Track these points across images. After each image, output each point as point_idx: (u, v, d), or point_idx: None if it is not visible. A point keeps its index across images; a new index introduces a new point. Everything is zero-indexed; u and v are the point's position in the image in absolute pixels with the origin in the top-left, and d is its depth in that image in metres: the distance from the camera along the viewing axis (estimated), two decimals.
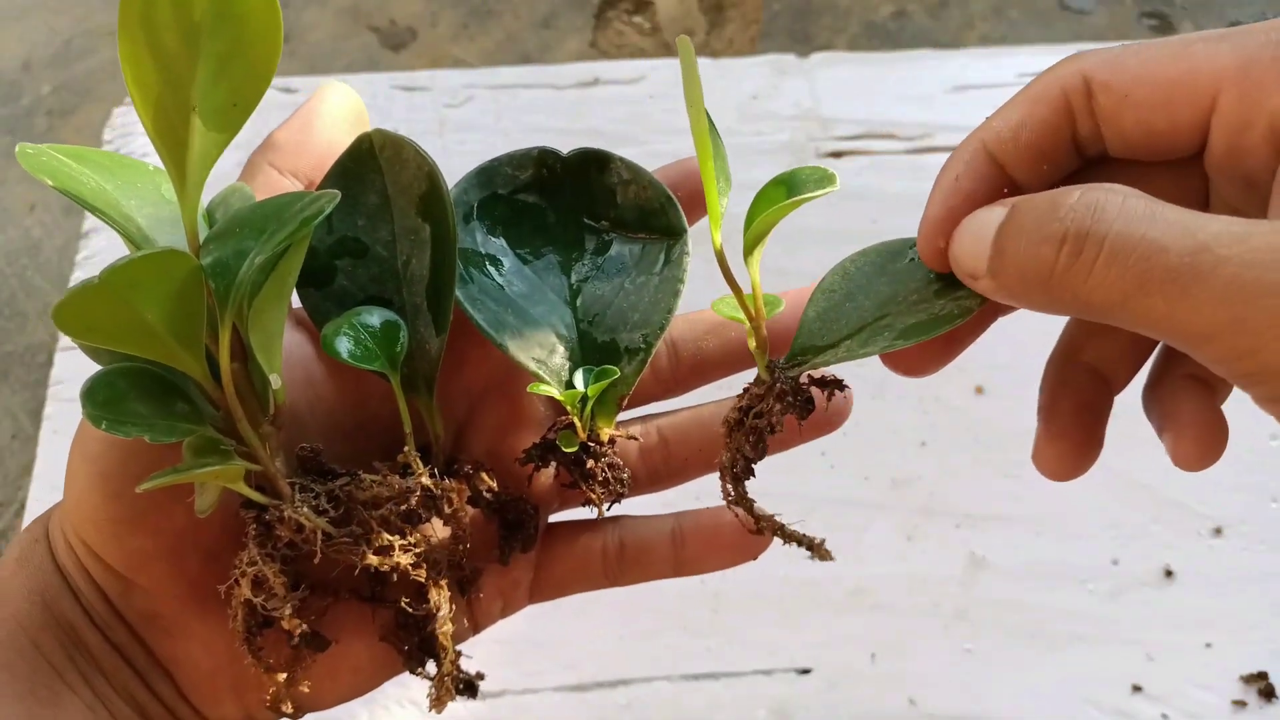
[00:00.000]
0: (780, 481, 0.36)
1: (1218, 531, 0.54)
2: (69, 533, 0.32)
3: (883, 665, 0.52)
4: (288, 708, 0.32)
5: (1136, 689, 0.51)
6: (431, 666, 0.33)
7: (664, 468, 0.35)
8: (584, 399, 0.32)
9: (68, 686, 0.31)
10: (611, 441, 0.33)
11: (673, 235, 0.34)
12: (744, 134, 0.66)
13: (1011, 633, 0.52)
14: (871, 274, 0.31)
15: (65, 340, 0.62)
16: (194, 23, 0.25)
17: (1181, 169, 0.28)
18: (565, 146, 0.36)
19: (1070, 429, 0.31)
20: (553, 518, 0.36)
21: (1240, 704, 0.50)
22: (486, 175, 0.34)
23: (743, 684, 0.51)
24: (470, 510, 0.33)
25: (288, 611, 0.29)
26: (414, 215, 0.33)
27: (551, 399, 0.33)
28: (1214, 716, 0.50)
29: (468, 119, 0.66)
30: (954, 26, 0.88)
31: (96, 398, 0.27)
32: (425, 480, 0.31)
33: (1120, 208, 0.23)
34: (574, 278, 0.35)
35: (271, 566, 0.29)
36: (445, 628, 0.32)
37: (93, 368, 0.67)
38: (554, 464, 0.34)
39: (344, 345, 0.30)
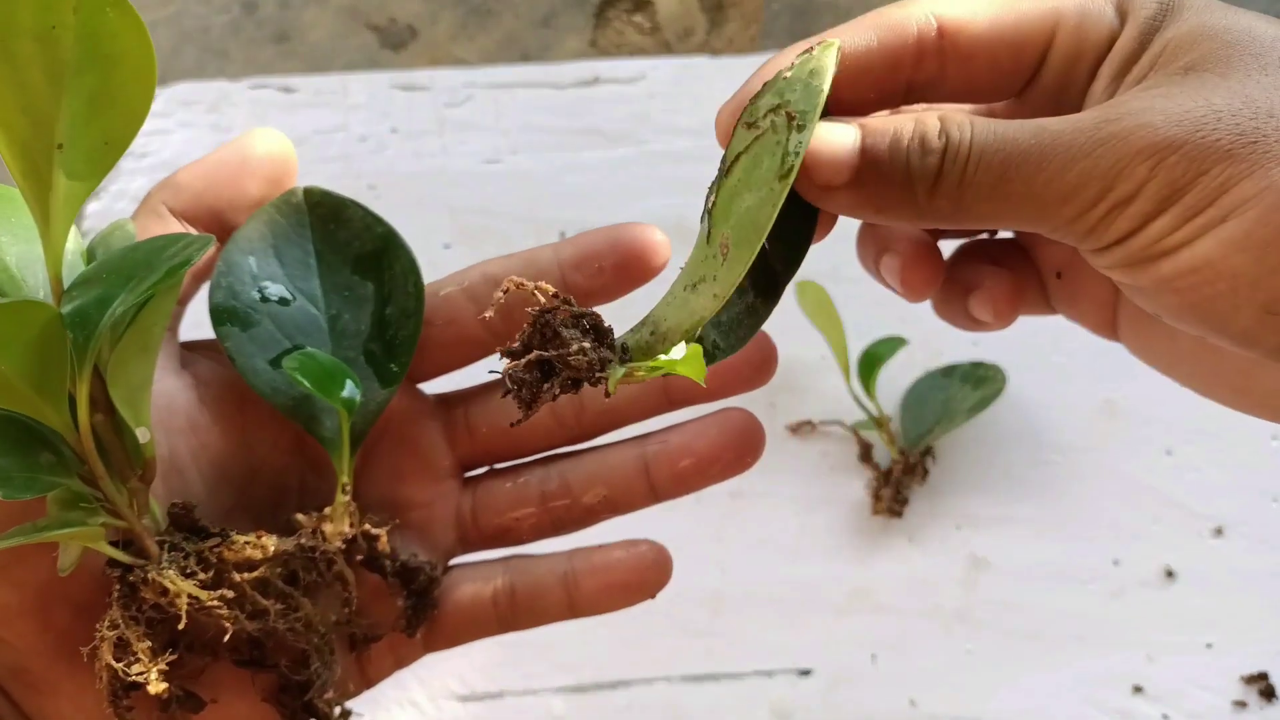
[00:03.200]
0: (781, 482, 0.36)
1: (1218, 532, 0.54)
2: None
3: (883, 666, 0.52)
4: None
5: (1137, 689, 0.51)
6: None
7: (567, 514, 0.34)
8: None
9: None
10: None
11: (768, 291, 0.29)
12: None
13: (1012, 633, 0.52)
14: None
15: None
16: (60, 60, 0.24)
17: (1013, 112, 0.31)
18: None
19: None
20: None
21: (1241, 704, 0.50)
22: None
23: (743, 685, 0.51)
24: (366, 574, 0.32)
25: (153, 676, 0.28)
26: (348, 272, 0.33)
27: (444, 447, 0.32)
28: (1215, 717, 0.50)
29: (468, 118, 0.66)
30: None
31: None
32: (305, 541, 0.30)
33: (974, 122, 0.27)
34: None
35: (135, 630, 0.28)
36: (327, 694, 0.31)
37: None
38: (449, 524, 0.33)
39: (305, 378, 0.30)
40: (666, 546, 0.35)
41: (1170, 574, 0.53)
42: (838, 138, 0.27)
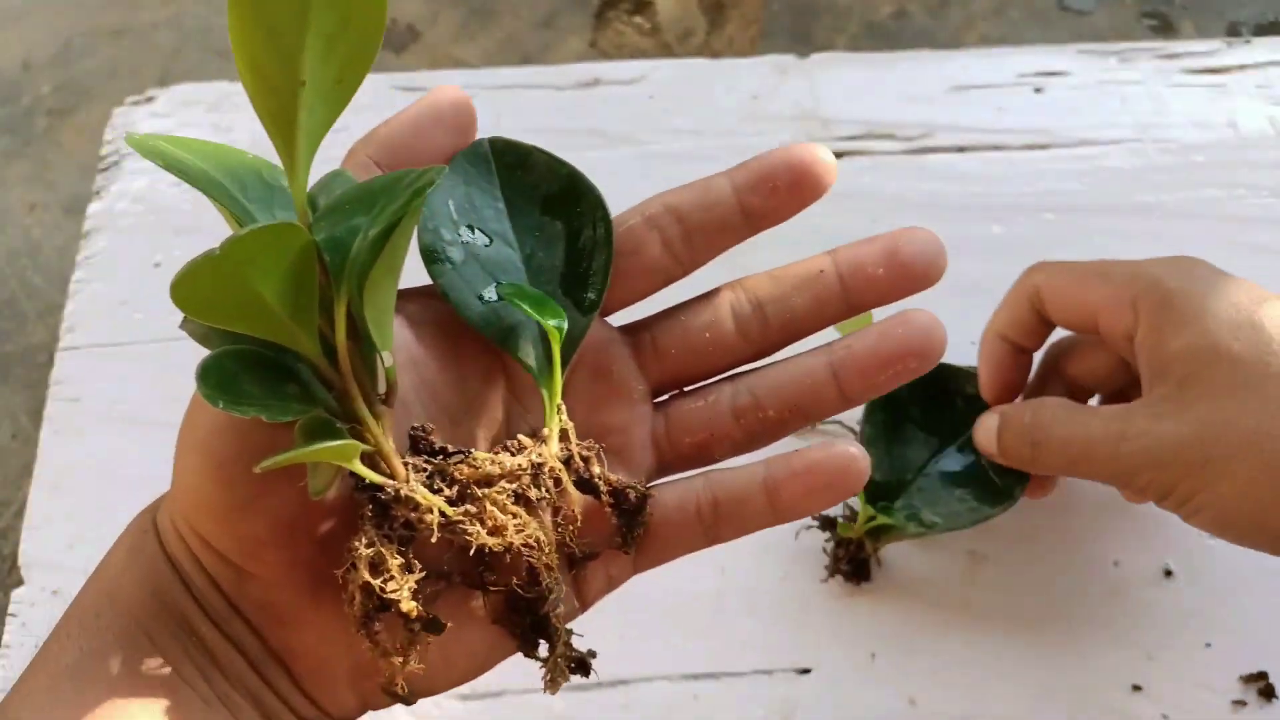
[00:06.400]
0: None
1: None
2: (179, 523, 0.31)
3: (883, 665, 0.52)
4: (404, 691, 0.31)
5: (1136, 689, 0.51)
6: (544, 649, 0.32)
7: (760, 427, 0.35)
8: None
9: (184, 681, 0.30)
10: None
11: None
12: (744, 134, 0.66)
13: (1011, 633, 0.52)
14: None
15: (65, 340, 0.62)
16: None
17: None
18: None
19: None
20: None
21: (1240, 704, 0.50)
22: None
23: (743, 684, 0.51)
24: (580, 495, 0.33)
25: (406, 594, 0.29)
26: (537, 213, 0.35)
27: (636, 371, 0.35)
28: (1214, 716, 0.50)
29: None
30: (954, 26, 0.88)
31: (210, 379, 0.27)
32: (535, 458, 0.31)
33: (1051, 420, 0.45)
34: None
35: (389, 548, 0.29)
36: (558, 609, 0.31)
37: (88, 372, 0.67)
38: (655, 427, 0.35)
39: (524, 303, 0.31)
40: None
41: (1169, 574, 0.53)
42: (983, 429, 0.48)
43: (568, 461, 0.32)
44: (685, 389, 0.36)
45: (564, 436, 0.33)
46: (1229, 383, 0.40)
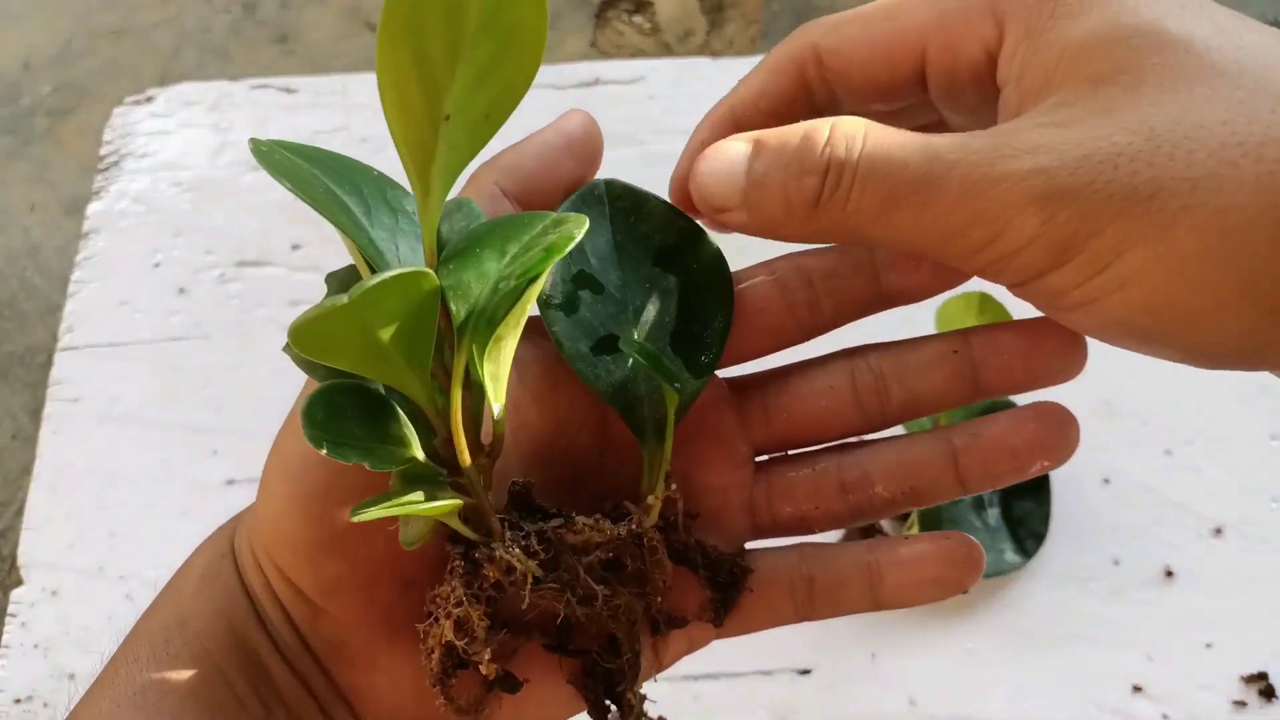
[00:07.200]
0: None
1: (1218, 532, 0.54)
2: (260, 554, 0.31)
3: (883, 665, 0.52)
4: None
5: (1137, 689, 0.51)
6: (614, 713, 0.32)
7: (866, 504, 0.33)
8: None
9: (250, 718, 0.30)
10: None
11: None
12: None
13: (1011, 633, 0.52)
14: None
15: (65, 340, 0.62)
16: (461, 30, 0.24)
17: (916, 110, 0.31)
18: None
19: None
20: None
21: (1240, 704, 0.50)
22: None
23: (743, 684, 0.51)
24: (674, 564, 0.31)
25: (487, 656, 0.28)
26: (650, 264, 0.33)
27: (749, 425, 0.33)
28: (1214, 717, 0.50)
29: None
30: None
31: (316, 417, 0.25)
32: (635, 527, 0.30)
33: (866, 135, 0.26)
34: None
35: (477, 609, 0.28)
36: (636, 686, 0.31)
37: (88, 372, 0.67)
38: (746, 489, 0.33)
39: (646, 360, 0.30)
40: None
41: (1169, 574, 0.53)
42: (724, 163, 0.28)
43: (665, 528, 0.31)
44: (789, 453, 0.34)
45: (672, 503, 0.31)
46: (1185, 70, 0.24)
